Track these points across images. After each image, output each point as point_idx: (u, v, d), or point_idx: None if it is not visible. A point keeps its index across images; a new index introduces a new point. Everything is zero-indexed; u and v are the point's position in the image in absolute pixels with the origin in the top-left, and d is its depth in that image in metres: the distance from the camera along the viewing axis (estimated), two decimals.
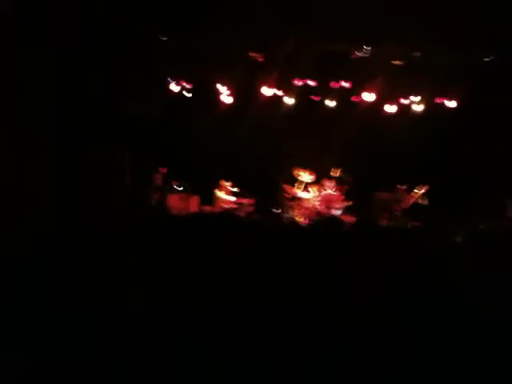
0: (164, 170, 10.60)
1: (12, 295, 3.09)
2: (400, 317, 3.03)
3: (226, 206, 10.78)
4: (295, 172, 11.06)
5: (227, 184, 10.95)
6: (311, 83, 10.90)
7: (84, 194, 8.23)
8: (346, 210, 10.85)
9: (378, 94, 10.96)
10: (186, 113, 10.96)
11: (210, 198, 10.94)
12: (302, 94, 11.17)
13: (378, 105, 11.26)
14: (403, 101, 11.27)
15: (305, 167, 11.12)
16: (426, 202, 10.66)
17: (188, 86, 10.79)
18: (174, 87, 10.65)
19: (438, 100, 11.20)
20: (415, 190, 10.67)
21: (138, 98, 9.07)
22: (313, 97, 11.31)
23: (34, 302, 3.04)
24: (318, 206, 10.89)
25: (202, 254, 3.45)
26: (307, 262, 3.47)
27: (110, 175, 8.85)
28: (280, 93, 11.13)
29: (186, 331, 2.94)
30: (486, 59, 9.94)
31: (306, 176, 11.10)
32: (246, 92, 11.03)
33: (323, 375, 2.87)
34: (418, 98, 11.14)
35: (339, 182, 11.10)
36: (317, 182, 11.19)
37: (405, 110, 11.37)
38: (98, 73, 8.37)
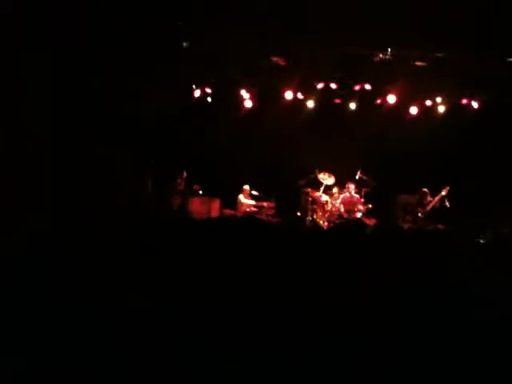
0: (185, 174, 10.65)
1: (12, 295, 3.09)
2: (422, 320, 3.03)
3: (248, 209, 10.80)
4: (317, 175, 11.02)
5: (248, 188, 10.98)
6: (333, 86, 10.87)
7: (84, 193, 8.23)
8: (368, 213, 10.79)
9: (400, 96, 10.89)
10: (207, 117, 11.00)
11: (231, 202, 10.97)
12: (323, 96, 11.15)
13: (400, 107, 11.19)
14: (426, 102, 11.17)
15: (326, 170, 11.09)
16: (448, 204, 10.53)
17: (209, 91, 10.82)
18: (197, 92, 10.69)
19: (461, 101, 11.11)
20: (442, 193, 10.53)
21: (147, 99, 9.09)
22: (335, 99, 11.28)
23: (34, 302, 3.04)
24: (339, 209, 10.84)
25: (206, 254, 3.45)
26: (327, 264, 3.47)
27: (109, 175, 8.84)
28: (302, 96, 11.11)
29: (187, 331, 2.94)
30: (510, 59, 9.86)
31: (327, 179, 11.07)
32: (267, 96, 11.04)
33: (323, 374, 2.87)
34: (441, 100, 11.04)
35: (361, 184, 11.04)
36: (339, 185, 11.14)
37: (428, 111, 11.27)
38: (97, 73, 8.37)
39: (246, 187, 10.99)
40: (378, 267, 3.43)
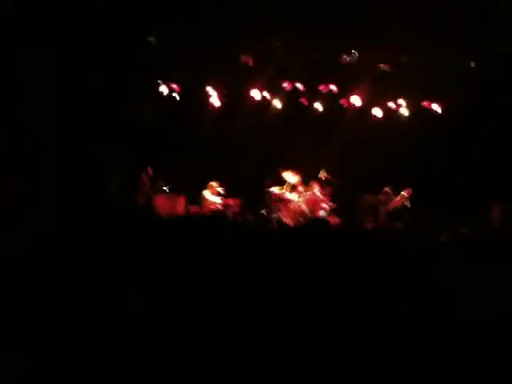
0: (151, 170, 10.61)
1: (12, 295, 3.09)
2: (386, 315, 3.06)
3: (213, 206, 10.78)
4: (282, 173, 11.12)
5: (215, 185, 10.95)
6: (300, 87, 10.96)
7: (84, 193, 8.23)
8: (332, 212, 10.92)
9: (365, 98, 11.03)
10: (174, 114, 11.01)
11: (197, 199, 10.97)
12: (290, 97, 11.25)
13: (365, 108, 11.35)
14: (390, 104, 11.35)
15: (291, 169, 11.20)
16: (410, 204, 10.75)
17: (177, 88, 10.81)
18: (164, 88, 10.66)
19: (424, 104, 11.29)
20: (401, 193, 10.77)
21: (137, 98, 9.09)
22: (301, 100, 11.39)
23: (34, 302, 3.04)
24: (303, 208, 10.95)
25: (199, 254, 3.46)
26: (295, 262, 3.50)
27: (109, 175, 8.85)
28: (269, 96, 11.20)
29: (186, 331, 2.94)
30: (471, 64, 10.03)
31: (292, 177, 11.16)
32: (234, 94, 11.11)
33: (319, 373, 2.88)
34: (405, 102, 11.22)
35: (325, 183, 11.18)
36: (303, 184, 11.25)
37: (391, 113, 11.44)
38: (98, 73, 8.37)
39: (213, 183, 10.96)
40: (341, 266, 3.46)
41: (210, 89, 10.90)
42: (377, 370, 2.88)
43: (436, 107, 11.18)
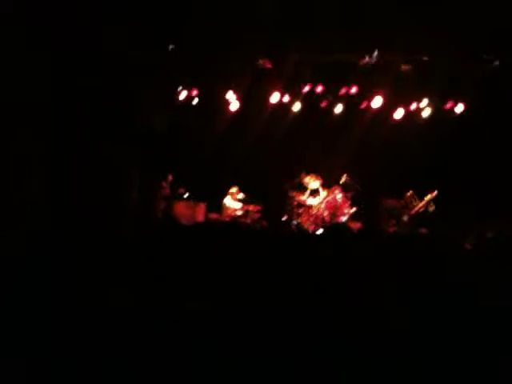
0: (170, 177, 10.61)
1: (12, 295, 3.09)
2: (408, 322, 3.04)
3: (233, 213, 10.80)
4: (303, 178, 11.07)
5: (234, 191, 10.96)
6: (319, 90, 10.90)
7: (84, 193, 8.23)
8: (353, 217, 10.84)
9: (385, 100, 10.94)
10: (193, 119, 10.99)
11: (216, 206, 10.97)
12: (309, 100, 11.18)
13: (385, 111, 11.24)
14: (411, 107, 11.23)
15: (311, 173, 11.15)
16: (433, 209, 10.60)
17: (194, 92, 10.78)
18: (183, 94, 10.64)
19: (445, 106, 11.17)
20: (429, 197, 10.63)
21: (152, 103, 9.09)
22: (320, 103, 11.32)
23: (34, 302, 3.05)
24: (324, 213, 10.88)
25: (206, 256, 3.45)
26: (313, 268, 3.48)
27: (110, 175, 8.84)
28: (287, 99, 11.14)
29: (186, 332, 2.94)
30: (494, 65, 9.94)
31: (313, 182, 11.11)
32: (253, 99, 11.05)
33: (325, 376, 2.88)
34: (426, 104, 11.08)
35: (346, 188, 11.09)
36: (325, 189, 11.19)
37: (413, 116, 11.33)
38: (97, 73, 8.37)
39: (234, 190, 10.96)
40: (362, 271, 3.45)
41: (229, 94, 10.83)
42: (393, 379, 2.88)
43: (459, 108, 11.07)
